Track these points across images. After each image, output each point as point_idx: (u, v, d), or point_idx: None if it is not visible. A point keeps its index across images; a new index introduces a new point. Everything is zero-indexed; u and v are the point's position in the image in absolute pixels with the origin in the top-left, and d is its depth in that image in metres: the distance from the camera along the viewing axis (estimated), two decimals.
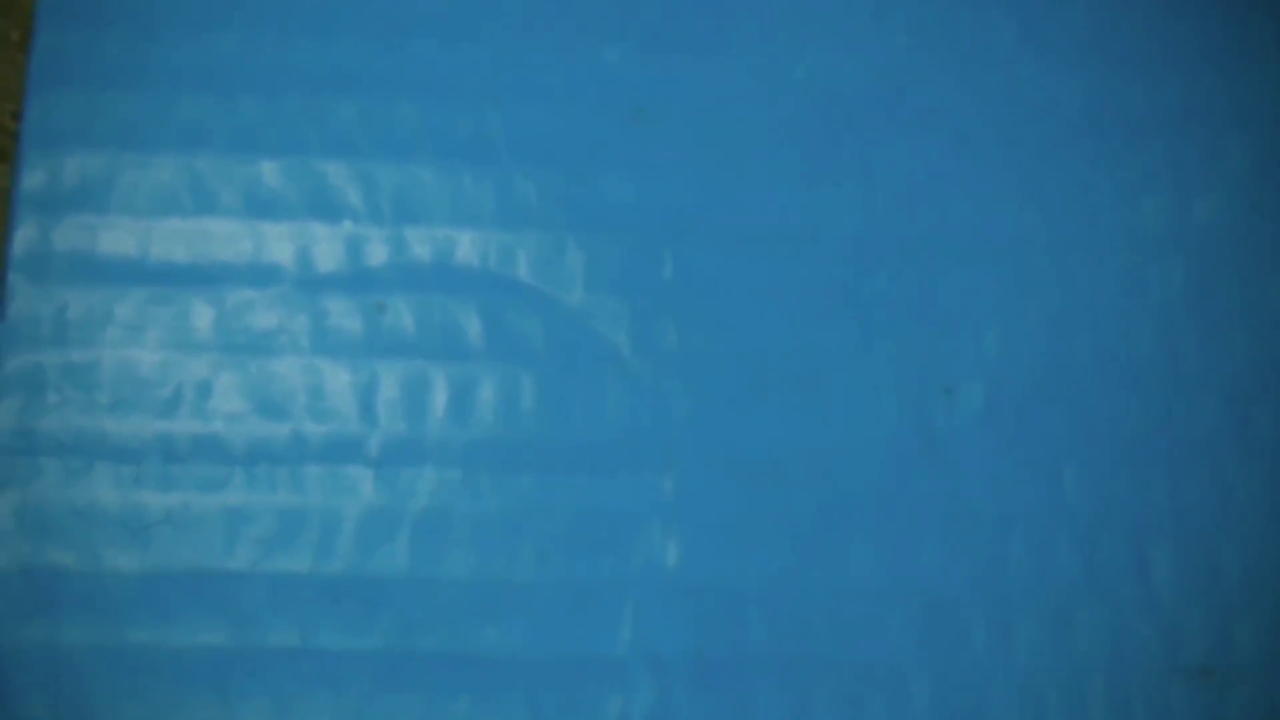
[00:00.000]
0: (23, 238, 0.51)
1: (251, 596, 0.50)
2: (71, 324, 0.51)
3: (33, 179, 0.51)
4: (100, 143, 0.53)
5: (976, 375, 0.50)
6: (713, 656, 0.49)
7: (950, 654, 0.50)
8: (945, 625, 0.50)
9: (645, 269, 0.52)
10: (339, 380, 0.51)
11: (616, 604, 0.49)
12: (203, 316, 0.52)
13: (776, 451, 0.50)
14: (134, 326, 0.51)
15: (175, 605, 0.50)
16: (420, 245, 0.52)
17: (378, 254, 0.52)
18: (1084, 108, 0.53)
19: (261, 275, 0.52)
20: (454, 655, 0.49)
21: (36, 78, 0.52)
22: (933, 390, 0.50)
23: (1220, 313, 0.52)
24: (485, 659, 0.49)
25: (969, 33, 0.54)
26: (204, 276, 0.52)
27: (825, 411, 0.50)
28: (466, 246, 0.52)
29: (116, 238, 0.52)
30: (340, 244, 0.52)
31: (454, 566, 0.50)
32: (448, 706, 0.49)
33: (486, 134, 0.53)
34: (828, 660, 0.49)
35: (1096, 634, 0.49)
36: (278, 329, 0.52)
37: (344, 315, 0.52)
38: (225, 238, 0.52)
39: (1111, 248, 0.53)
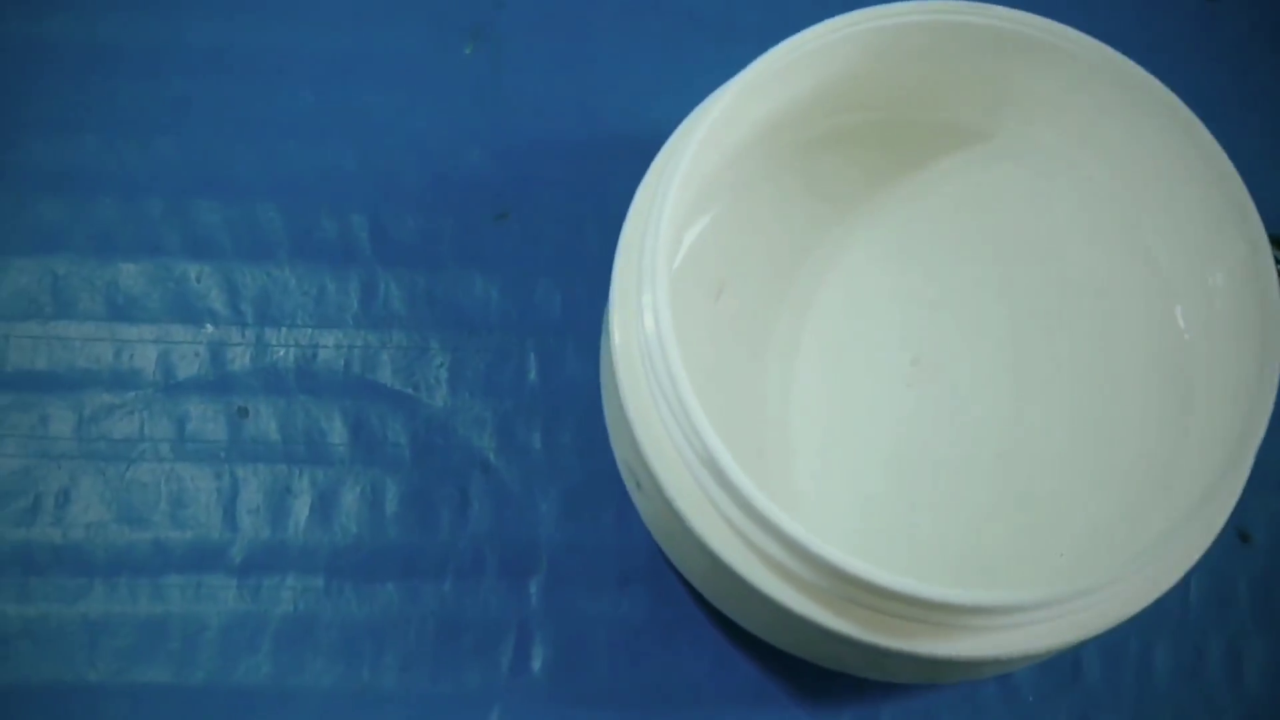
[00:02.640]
0: None
1: (113, 710, 0.49)
2: None
3: None
4: None
5: None
6: None
7: None
8: None
9: (510, 371, 0.52)
10: (201, 487, 0.51)
11: (483, 713, 0.49)
12: (62, 423, 0.51)
13: (643, 557, 0.50)
14: None
15: None
16: (283, 348, 0.52)
17: (240, 357, 0.52)
18: None
19: (121, 380, 0.51)
20: None
21: None
22: None
23: None
24: None
25: None
26: (63, 382, 0.51)
27: None
28: (330, 349, 0.52)
29: None
30: (202, 347, 0.52)
31: (318, 676, 0.49)
32: None
33: (350, 235, 0.52)
34: None
35: None
36: (138, 435, 0.51)
37: (205, 420, 0.51)
38: (84, 342, 0.51)
39: None
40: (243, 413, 0.51)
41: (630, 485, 0.45)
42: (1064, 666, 0.50)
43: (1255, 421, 0.40)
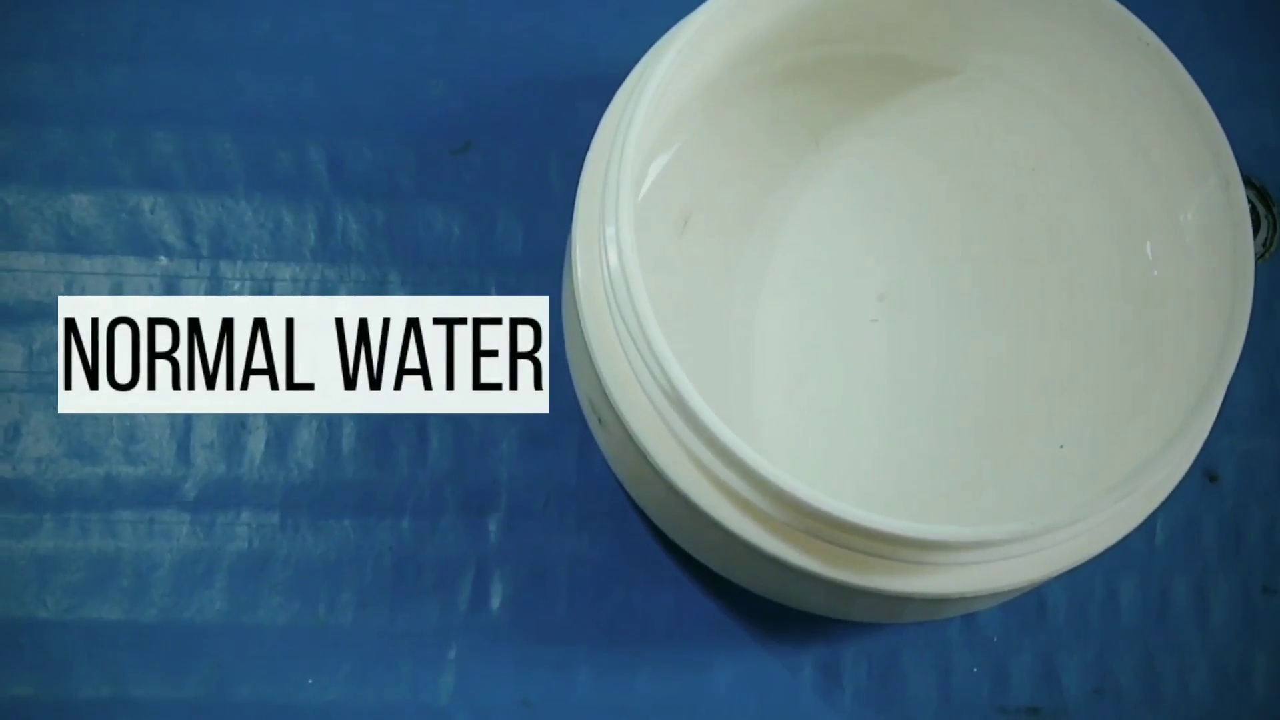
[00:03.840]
0: None
1: (63, 646, 0.48)
2: None
3: None
4: None
5: None
6: (538, 705, 0.48)
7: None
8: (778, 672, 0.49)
9: None
10: (154, 421, 0.50)
11: (440, 650, 0.48)
12: (12, 356, 0.50)
13: (605, 494, 0.49)
14: None
15: None
16: (238, 281, 0.51)
17: (194, 291, 0.51)
18: None
19: None
20: (272, 705, 0.48)
21: None
22: None
23: None
24: (304, 708, 0.48)
25: None
26: (13, 315, 0.50)
27: None
28: (286, 283, 0.51)
29: None
30: (156, 280, 0.51)
31: (273, 613, 0.49)
32: None
33: (307, 167, 0.51)
34: (657, 707, 0.48)
35: (925, 673, 0.49)
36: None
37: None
38: (35, 274, 0.50)
39: None
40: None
41: (592, 422, 0.44)
42: (1029, 606, 0.49)
43: (1224, 361, 0.39)
